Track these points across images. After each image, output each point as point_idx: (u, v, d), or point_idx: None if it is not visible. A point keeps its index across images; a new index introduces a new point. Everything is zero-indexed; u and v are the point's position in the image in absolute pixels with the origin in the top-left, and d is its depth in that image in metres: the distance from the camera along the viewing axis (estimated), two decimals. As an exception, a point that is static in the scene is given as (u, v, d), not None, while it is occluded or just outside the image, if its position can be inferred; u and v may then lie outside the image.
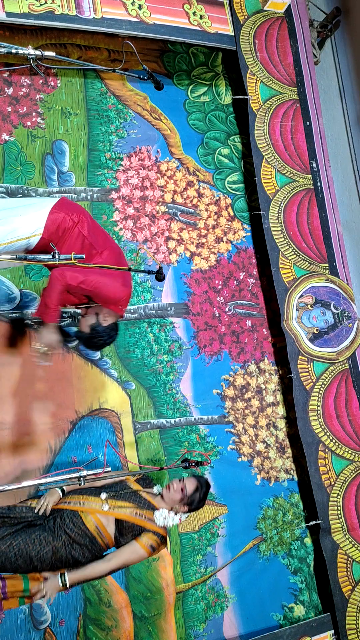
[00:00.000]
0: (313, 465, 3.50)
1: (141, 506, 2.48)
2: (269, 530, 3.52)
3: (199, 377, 3.59)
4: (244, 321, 3.81)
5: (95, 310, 2.50)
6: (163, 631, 3.10)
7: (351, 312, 3.87)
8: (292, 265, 3.75)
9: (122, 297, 2.49)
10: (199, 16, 3.70)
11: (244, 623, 3.31)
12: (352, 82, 4.17)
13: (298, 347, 3.65)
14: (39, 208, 2.34)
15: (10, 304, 3.17)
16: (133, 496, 2.47)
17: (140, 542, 2.42)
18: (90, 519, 2.38)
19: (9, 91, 3.36)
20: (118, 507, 2.41)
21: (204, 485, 2.55)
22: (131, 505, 2.45)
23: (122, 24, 3.41)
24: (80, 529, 2.37)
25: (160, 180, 3.74)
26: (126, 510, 2.42)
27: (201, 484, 2.54)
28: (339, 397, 3.66)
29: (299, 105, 3.95)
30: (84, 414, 3.20)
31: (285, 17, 4.01)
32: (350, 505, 3.52)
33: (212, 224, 3.86)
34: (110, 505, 2.40)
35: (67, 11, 3.26)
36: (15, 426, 3.00)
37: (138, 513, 2.43)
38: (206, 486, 2.57)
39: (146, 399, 3.41)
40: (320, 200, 3.90)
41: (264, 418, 3.70)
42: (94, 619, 2.97)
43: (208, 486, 2.59)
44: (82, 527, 2.37)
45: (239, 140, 4.04)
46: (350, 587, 3.41)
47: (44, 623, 2.86)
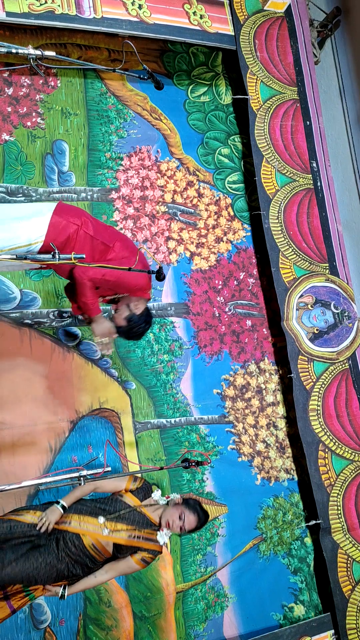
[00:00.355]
0: (313, 465, 3.50)
1: (140, 526, 2.51)
2: (269, 530, 3.52)
3: (199, 377, 3.59)
4: (244, 321, 3.81)
5: (125, 302, 2.53)
6: (163, 631, 3.10)
7: (351, 311, 3.87)
8: (292, 265, 3.75)
9: (145, 282, 2.51)
10: (199, 16, 3.70)
11: (244, 623, 3.31)
12: (352, 81, 4.17)
13: (298, 347, 3.65)
14: (39, 214, 2.35)
15: (10, 303, 3.17)
16: (132, 516, 2.50)
17: (134, 558, 2.52)
18: (89, 540, 2.44)
19: (9, 91, 3.37)
20: (116, 532, 2.46)
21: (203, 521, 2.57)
22: (129, 527, 2.48)
23: (122, 24, 3.41)
24: (81, 550, 2.43)
25: (160, 180, 3.74)
26: (124, 534, 2.47)
27: (201, 519, 2.56)
28: (339, 396, 3.66)
29: (299, 105, 3.95)
30: (84, 413, 3.20)
31: (286, 16, 4.00)
32: (350, 505, 3.52)
33: (212, 223, 3.86)
34: (109, 529, 2.43)
35: (67, 11, 3.26)
36: (15, 426, 3.00)
37: (136, 535, 2.49)
38: (205, 519, 2.59)
39: (146, 398, 3.41)
40: (321, 200, 3.90)
41: (264, 418, 3.70)
42: (94, 619, 2.97)
43: (207, 518, 2.62)
44: (82, 548, 2.43)
45: (239, 140, 4.04)
46: (351, 586, 3.41)
47: (44, 623, 2.87)
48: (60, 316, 3.28)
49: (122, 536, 2.45)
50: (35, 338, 3.18)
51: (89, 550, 2.43)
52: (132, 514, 2.49)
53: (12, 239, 2.27)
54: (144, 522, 2.51)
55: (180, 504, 2.51)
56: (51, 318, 3.25)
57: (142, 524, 2.50)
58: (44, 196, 3.39)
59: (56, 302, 3.28)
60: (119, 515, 2.46)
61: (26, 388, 3.08)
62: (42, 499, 2.97)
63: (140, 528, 2.49)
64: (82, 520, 2.44)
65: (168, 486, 3.32)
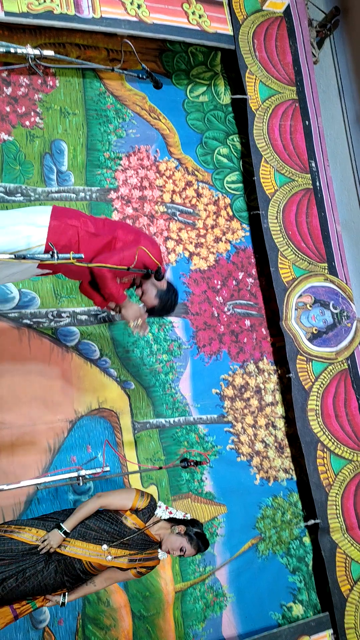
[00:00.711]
0: (312, 464, 3.50)
1: (142, 549, 2.49)
2: (267, 529, 3.52)
3: (198, 377, 3.59)
4: (242, 321, 3.81)
5: (148, 283, 2.53)
6: (162, 630, 3.11)
7: (350, 311, 3.87)
8: (291, 265, 3.75)
9: (159, 253, 2.53)
10: (198, 15, 3.70)
11: (242, 622, 3.31)
12: (351, 81, 4.17)
13: (297, 347, 3.65)
14: (37, 219, 2.33)
15: (9, 303, 3.17)
16: (135, 540, 2.47)
17: (132, 571, 2.54)
18: (90, 562, 2.43)
19: (8, 91, 3.36)
20: (118, 557, 2.44)
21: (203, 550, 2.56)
22: (132, 552, 2.47)
23: (121, 24, 3.41)
24: (80, 571, 2.43)
25: (159, 180, 3.74)
26: (125, 559, 2.46)
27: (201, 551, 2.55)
28: (337, 396, 3.66)
29: (298, 104, 3.95)
30: (83, 413, 3.20)
31: (284, 16, 4.00)
32: (349, 504, 3.53)
33: (211, 223, 3.86)
34: (112, 555, 2.43)
35: (66, 10, 3.26)
36: (14, 426, 3.00)
37: (137, 559, 2.49)
38: (205, 549, 2.58)
39: (145, 398, 3.41)
40: (319, 200, 3.90)
41: (263, 418, 3.71)
42: (92, 618, 2.97)
43: (207, 548, 2.60)
44: (82, 568, 2.43)
45: (237, 139, 4.04)
46: (349, 586, 3.41)
47: (43, 622, 2.87)
48: (59, 316, 3.28)
49: (123, 561, 2.45)
50: (34, 338, 3.18)
51: (88, 570, 2.43)
52: (137, 539, 2.47)
53: (10, 243, 2.27)
54: (146, 543, 2.50)
55: (183, 535, 2.48)
56: (50, 318, 3.25)
57: (144, 546, 2.49)
58: (43, 196, 3.39)
59: (55, 302, 3.28)
60: (123, 542, 2.44)
61: (25, 388, 3.08)
62: (42, 499, 2.97)
63: (141, 551, 2.49)
64: (86, 547, 2.41)
65: (167, 486, 3.32)
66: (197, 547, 2.48)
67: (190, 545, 2.46)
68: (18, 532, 2.38)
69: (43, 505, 2.98)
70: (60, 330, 3.26)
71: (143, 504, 2.49)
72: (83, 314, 3.34)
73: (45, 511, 2.96)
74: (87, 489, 3.10)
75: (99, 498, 2.44)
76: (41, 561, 2.36)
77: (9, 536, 2.37)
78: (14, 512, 2.91)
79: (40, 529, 2.39)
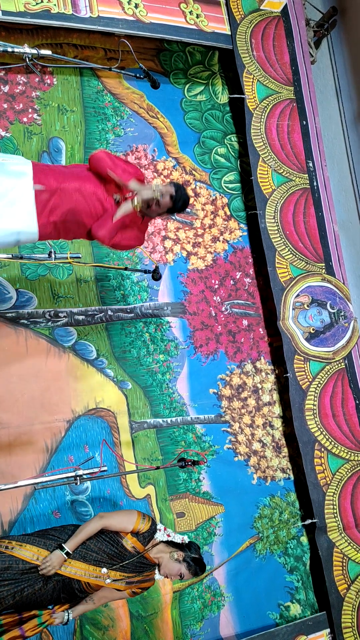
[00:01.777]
0: (309, 464, 3.51)
1: (139, 572, 2.51)
2: (265, 529, 3.53)
3: (195, 377, 3.59)
4: (240, 320, 3.81)
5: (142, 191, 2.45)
6: (159, 630, 3.11)
7: (347, 311, 3.88)
8: (288, 264, 3.76)
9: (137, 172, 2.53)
10: (195, 15, 3.70)
11: (240, 622, 3.32)
12: (348, 81, 4.18)
13: (294, 347, 3.66)
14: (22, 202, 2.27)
15: (6, 303, 3.16)
16: (133, 563, 2.49)
17: (128, 591, 2.56)
18: (87, 583, 2.45)
19: (5, 89, 3.35)
20: (116, 580, 2.46)
21: (199, 571, 2.57)
22: (130, 575, 2.49)
23: (118, 23, 3.40)
24: (77, 590, 2.44)
25: (157, 179, 3.73)
26: (123, 582, 2.48)
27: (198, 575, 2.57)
28: (335, 396, 3.67)
29: (296, 104, 3.95)
30: (81, 413, 3.20)
31: (282, 16, 4.00)
32: (346, 504, 3.54)
33: (209, 223, 3.85)
34: (111, 578, 2.45)
35: (64, 10, 3.25)
36: (11, 425, 2.99)
37: (135, 581, 2.51)
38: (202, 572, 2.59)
39: (142, 398, 3.40)
40: (317, 200, 3.90)
41: (260, 417, 3.71)
42: (90, 619, 2.97)
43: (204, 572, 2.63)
44: (80, 588, 2.44)
45: (235, 139, 4.04)
46: (346, 585, 3.42)
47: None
48: (56, 316, 3.27)
49: (121, 584, 2.47)
50: (31, 338, 3.17)
51: (85, 589, 2.45)
52: (136, 562, 2.48)
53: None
54: (144, 566, 2.52)
55: (182, 561, 2.49)
56: (47, 318, 3.24)
57: (141, 569, 2.51)
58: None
59: (52, 302, 3.27)
60: (124, 566, 2.45)
61: (22, 388, 3.07)
62: (39, 499, 2.97)
63: (139, 573, 2.50)
64: (86, 568, 2.42)
65: (165, 486, 3.32)
66: (195, 573, 2.51)
67: (189, 572, 2.49)
68: (19, 548, 2.37)
69: (40, 505, 2.97)
70: (57, 330, 3.26)
71: (144, 527, 2.50)
72: (80, 314, 3.34)
73: (43, 511, 2.96)
74: (85, 489, 3.10)
75: (101, 519, 2.46)
76: (40, 581, 2.36)
77: (9, 553, 2.36)
78: (11, 512, 2.91)
79: (42, 548, 2.39)
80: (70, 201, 2.30)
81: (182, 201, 2.47)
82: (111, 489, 3.17)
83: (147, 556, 2.50)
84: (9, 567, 2.32)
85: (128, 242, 2.52)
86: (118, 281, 3.48)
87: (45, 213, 2.25)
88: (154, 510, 3.26)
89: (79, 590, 2.44)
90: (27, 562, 2.34)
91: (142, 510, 3.08)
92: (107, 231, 2.36)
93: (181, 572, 2.47)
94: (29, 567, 2.34)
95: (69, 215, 2.31)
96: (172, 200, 2.43)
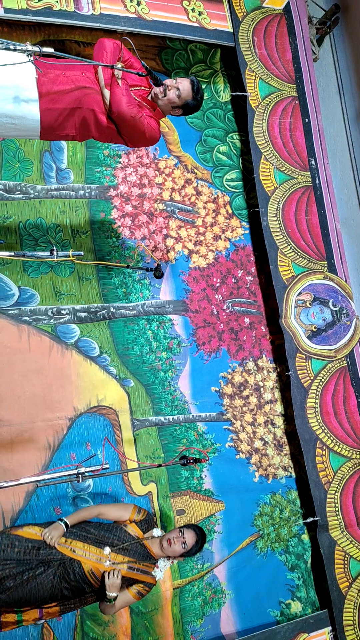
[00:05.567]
0: (311, 462, 3.51)
1: (140, 559, 2.54)
2: (266, 527, 3.53)
3: (197, 375, 3.59)
4: (242, 319, 3.81)
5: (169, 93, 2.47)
6: (160, 626, 3.12)
7: (349, 309, 3.87)
8: (290, 262, 3.75)
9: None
10: (197, 12, 3.69)
11: (241, 619, 3.32)
12: (350, 79, 4.17)
13: (296, 345, 3.66)
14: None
15: (9, 300, 3.17)
16: (134, 548, 2.53)
17: (131, 591, 2.58)
18: (89, 566, 2.46)
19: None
20: (118, 563, 2.48)
21: (201, 538, 2.62)
22: (131, 560, 2.52)
23: (120, 20, 3.40)
24: (80, 577, 2.45)
25: (159, 177, 3.74)
26: (124, 566, 2.50)
27: (199, 537, 2.62)
28: (336, 394, 3.67)
29: (298, 102, 3.94)
30: (83, 411, 3.20)
31: (284, 13, 4.00)
32: (348, 502, 3.53)
33: (210, 221, 3.85)
34: (111, 560, 2.48)
35: (66, 7, 3.25)
36: (13, 423, 3.00)
37: (135, 568, 2.53)
38: (203, 538, 2.64)
39: (144, 396, 3.41)
40: (319, 198, 3.89)
41: (262, 415, 3.71)
42: (91, 615, 2.98)
43: (204, 538, 2.67)
44: (82, 575, 2.45)
45: (237, 137, 4.03)
46: (348, 583, 3.42)
47: (42, 619, 2.87)
48: (59, 313, 3.28)
49: (122, 567, 2.49)
50: (34, 335, 3.18)
51: (88, 577, 2.45)
52: (135, 546, 2.52)
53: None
54: (145, 554, 2.55)
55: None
56: (49, 315, 3.25)
57: (142, 557, 2.54)
58: (42, 193, 3.39)
59: (54, 300, 3.28)
60: (123, 547, 2.49)
61: (24, 385, 3.08)
62: (41, 496, 2.98)
63: (140, 560, 2.53)
64: (87, 549, 2.47)
65: (166, 483, 3.33)
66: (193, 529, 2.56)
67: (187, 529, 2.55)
68: (22, 528, 2.46)
69: (42, 502, 2.98)
70: (59, 327, 3.27)
71: (140, 517, 2.62)
72: (83, 311, 3.34)
73: (45, 508, 2.98)
74: (87, 486, 3.10)
75: (99, 505, 2.52)
76: (41, 565, 2.39)
77: (13, 532, 2.42)
78: (13, 509, 2.92)
79: (44, 527, 2.46)
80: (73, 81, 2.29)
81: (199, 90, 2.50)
82: (113, 486, 3.17)
83: (147, 546, 2.53)
84: (12, 545, 2.37)
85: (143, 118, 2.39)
86: (120, 279, 3.48)
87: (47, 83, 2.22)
88: (155, 507, 3.27)
89: (82, 579, 2.42)
90: (30, 539, 2.39)
91: (143, 506, 3.09)
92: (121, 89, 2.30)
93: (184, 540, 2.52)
94: (31, 546, 2.38)
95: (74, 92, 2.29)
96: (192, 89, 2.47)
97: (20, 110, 2.22)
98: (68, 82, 2.28)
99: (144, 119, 2.40)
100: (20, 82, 2.20)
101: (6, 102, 2.18)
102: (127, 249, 3.55)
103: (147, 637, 3.07)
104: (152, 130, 2.46)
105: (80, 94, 2.29)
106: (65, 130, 2.35)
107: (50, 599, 2.45)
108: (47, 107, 2.24)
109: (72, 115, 2.31)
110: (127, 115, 2.32)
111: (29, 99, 2.21)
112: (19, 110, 2.21)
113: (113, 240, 3.53)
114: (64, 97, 2.26)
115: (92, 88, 2.33)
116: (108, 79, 2.34)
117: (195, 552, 2.62)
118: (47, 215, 3.37)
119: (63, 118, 2.29)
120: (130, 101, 2.34)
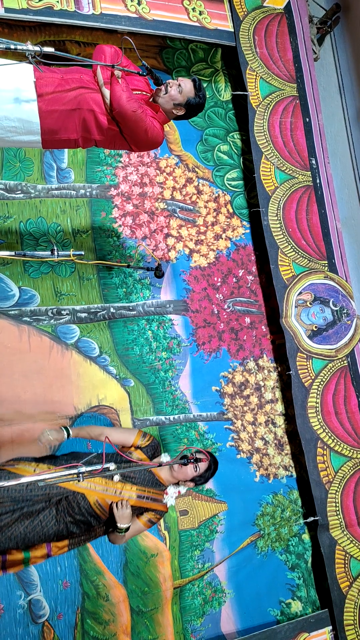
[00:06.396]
0: (312, 462, 3.51)
1: (149, 486, 2.44)
2: (267, 526, 3.53)
3: (198, 374, 3.59)
4: (242, 318, 3.81)
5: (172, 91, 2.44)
6: (160, 625, 3.12)
7: (350, 309, 3.87)
8: (291, 262, 3.75)
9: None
10: (198, 12, 3.69)
11: (241, 618, 3.33)
12: (351, 78, 4.16)
13: (297, 344, 3.66)
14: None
15: (9, 301, 3.17)
16: (142, 475, 2.42)
17: (141, 520, 2.49)
18: (94, 497, 2.34)
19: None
20: (126, 492, 2.39)
21: (213, 464, 2.54)
22: (139, 488, 2.42)
23: (121, 20, 3.40)
24: (86, 510, 2.33)
25: (160, 177, 3.74)
26: (133, 494, 2.40)
27: (211, 462, 2.54)
28: (337, 394, 3.67)
29: (299, 101, 3.94)
30: (83, 410, 3.21)
31: (285, 13, 3.99)
32: (349, 501, 3.53)
33: (211, 220, 3.85)
34: (118, 489, 2.36)
35: (66, 7, 3.25)
36: (14, 423, 3.01)
37: (145, 496, 2.43)
38: (215, 465, 2.56)
39: (145, 395, 3.41)
40: (320, 197, 3.89)
41: (263, 415, 3.71)
42: (91, 613, 2.98)
43: (217, 465, 2.59)
44: (88, 508, 2.33)
45: (238, 136, 4.03)
46: (348, 583, 3.42)
47: (43, 617, 2.88)
48: (59, 314, 3.28)
49: (130, 496, 2.39)
50: (34, 335, 3.19)
51: (94, 509, 2.33)
52: (142, 473, 2.42)
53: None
54: (153, 481, 2.46)
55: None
56: (50, 315, 3.26)
57: (151, 484, 2.44)
58: (43, 193, 3.39)
59: (55, 300, 3.29)
60: (131, 476, 2.38)
61: (25, 385, 3.09)
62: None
63: (149, 488, 2.44)
64: (91, 480, 2.33)
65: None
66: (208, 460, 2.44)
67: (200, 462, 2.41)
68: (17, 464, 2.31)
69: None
70: (59, 327, 3.27)
71: (145, 442, 2.51)
72: (83, 311, 3.35)
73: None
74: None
75: (104, 426, 2.39)
76: (42, 502, 2.26)
77: (7, 469, 2.28)
78: (14, 509, 2.92)
79: (40, 463, 2.32)
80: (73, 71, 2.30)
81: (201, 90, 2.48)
82: (113, 486, 3.17)
83: (156, 473, 2.45)
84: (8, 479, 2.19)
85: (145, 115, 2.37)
86: (120, 279, 3.49)
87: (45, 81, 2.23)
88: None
89: (88, 512, 2.30)
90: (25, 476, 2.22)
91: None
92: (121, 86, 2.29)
93: (197, 464, 2.41)
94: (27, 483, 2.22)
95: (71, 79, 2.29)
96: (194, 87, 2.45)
97: (20, 111, 2.22)
98: (66, 83, 2.29)
99: (145, 116, 2.37)
100: (19, 84, 2.20)
101: (6, 104, 2.19)
102: (127, 248, 3.55)
103: (147, 636, 3.07)
104: (154, 129, 2.43)
105: (79, 94, 2.29)
106: (67, 133, 2.34)
107: (56, 536, 2.32)
108: (46, 108, 2.24)
109: (72, 117, 2.30)
110: (128, 109, 2.29)
111: (29, 99, 2.21)
112: (18, 111, 2.21)
113: (114, 239, 3.53)
114: (62, 98, 2.26)
115: (90, 88, 2.33)
116: (107, 78, 2.34)
117: (207, 478, 2.52)
118: (47, 215, 3.37)
119: (63, 120, 2.29)
120: (131, 96, 2.33)
